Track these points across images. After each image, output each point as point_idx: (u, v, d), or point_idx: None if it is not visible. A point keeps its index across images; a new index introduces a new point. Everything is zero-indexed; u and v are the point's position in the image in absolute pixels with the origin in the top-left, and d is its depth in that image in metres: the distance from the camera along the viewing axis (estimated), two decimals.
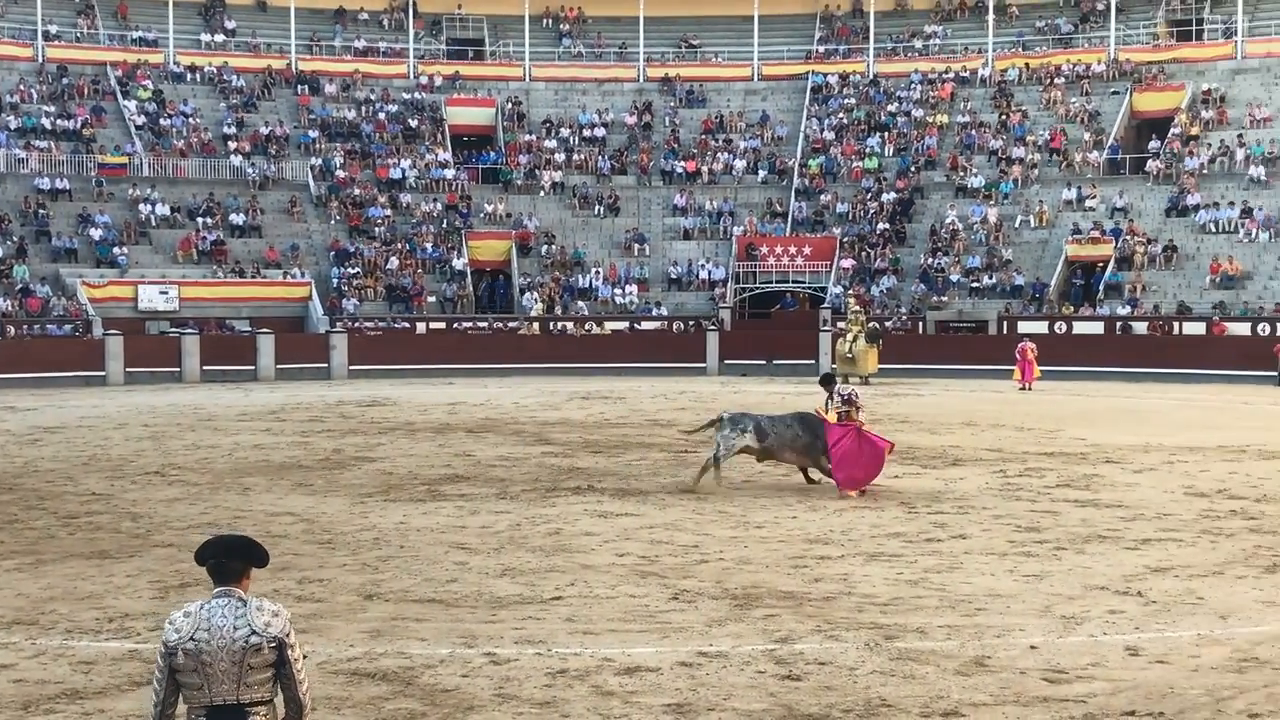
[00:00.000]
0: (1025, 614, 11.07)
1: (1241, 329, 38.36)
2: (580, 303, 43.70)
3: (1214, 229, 42.10)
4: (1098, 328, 40.23)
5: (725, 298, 43.91)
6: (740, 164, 48.49)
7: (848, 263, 44.39)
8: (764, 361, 40.68)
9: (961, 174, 46.35)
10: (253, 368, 38.75)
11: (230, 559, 5.31)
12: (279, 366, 38.83)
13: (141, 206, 43.13)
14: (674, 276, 45.15)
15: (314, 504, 16.58)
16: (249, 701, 5.19)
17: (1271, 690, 8.97)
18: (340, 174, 46.35)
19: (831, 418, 17.15)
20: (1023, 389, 33.92)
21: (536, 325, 42.47)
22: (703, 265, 45.24)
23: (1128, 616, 10.98)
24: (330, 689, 9.02)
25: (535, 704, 8.70)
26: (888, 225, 45.33)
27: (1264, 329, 37.77)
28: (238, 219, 43.91)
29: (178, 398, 32.22)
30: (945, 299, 42.73)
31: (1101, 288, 41.72)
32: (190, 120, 46.81)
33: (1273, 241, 40.83)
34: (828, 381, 18.21)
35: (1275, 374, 36.19)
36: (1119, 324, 40.10)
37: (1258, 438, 23.43)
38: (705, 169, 48.34)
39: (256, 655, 5.16)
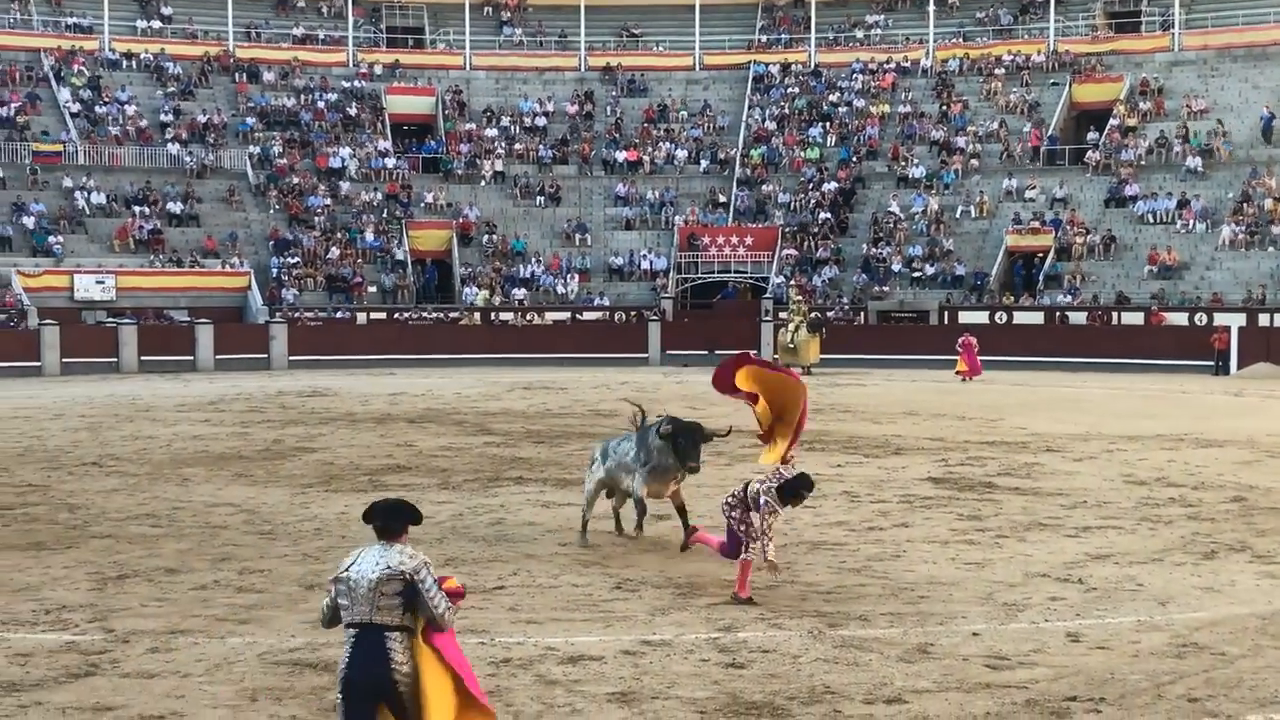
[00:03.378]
0: (967, 601, 11.12)
1: (1179, 319, 38.75)
2: (521, 292, 43.56)
3: (1152, 220, 42.51)
4: (1038, 318, 40.53)
5: (667, 288, 43.90)
6: (682, 153, 48.46)
7: (789, 252, 44.46)
8: (706, 352, 40.66)
9: (903, 164, 46.55)
10: (191, 358, 38.35)
11: (391, 521, 6.67)
12: (218, 357, 38.45)
13: (77, 195, 42.56)
14: (615, 266, 45.07)
15: (254, 494, 16.42)
16: (380, 623, 6.41)
17: (1210, 675, 9.06)
18: (279, 162, 45.91)
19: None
20: (964, 381, 33.92)
21: (478, 315, 42.29)
22: (644, 255, 45.18)
23: (1068, 603, 11.06)
24: (272, 680, 8.92)
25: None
26: (829, 215, 45.45)
27: (1201, 318, 38.17)
28: (175, 208, 43.41)
29: (115, 388, 31.84)
30: (886, 289, 42.90)
31: (1041, 278, 42.04)
32: (126, 108, 46.20)
33: (1209, 232, 41.28)
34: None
35: (1212, 363, 36.62)
36: (1058, 314, 40.43)
37: (1195, 426, 23.69)
38: (647, 158, 48.28)
39: (387, 585, 6.42)
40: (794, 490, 11.08)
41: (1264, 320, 37.40)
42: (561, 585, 11.61)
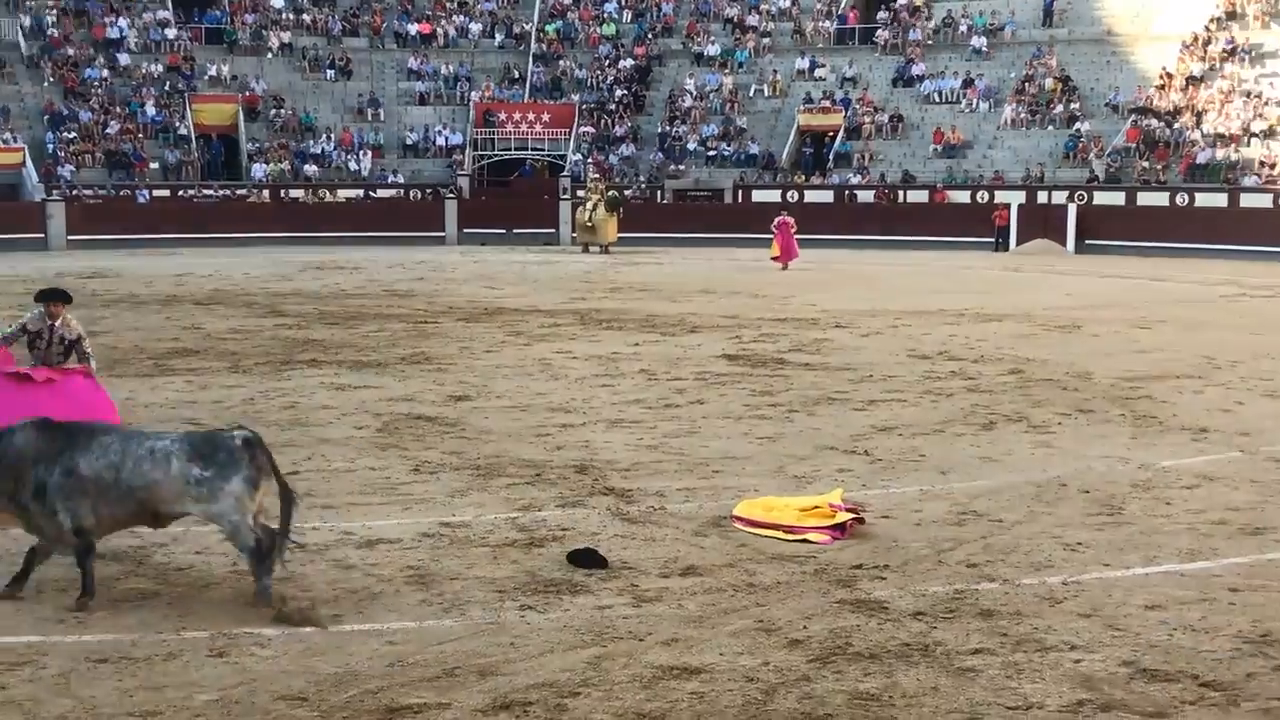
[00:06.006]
0: (760, 475, 11.39)
1: (962, 197, 39.83)
2: (312, 169, 42.57)
3: (937, 99, 43.41)
4: (828, 196, 41.23)
5: (463, 165, 43.39)
6: (476, 27, 47.67)
7: (586, 130, 44.30)
8: (504, 231, 40.47)
9: (698, 42, 46.57)
10: None
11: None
12: None
13: None
14: (410, 143, 44.34)
15: None
16: None
17: (988, 541, 9.46)
18: (53, 33, 43.76)
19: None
20: (782, 268, 31.65)
21: (267, 193, 41.24)
22: (439, 131, 44.53)
23: (855, 474, 11.40)
24: (58, 571, 8.69)
25: (274, 579, 8.55)
26: (626, 92, 45.33)
27: (983, 196, 39.30)
28: None
29: None
30: (682, 167, 43.12)
31: (831, 157, 42.70)
32: None
33: (992, 111, 42.34)
34: None
35: (993, 240, 37.80)
36: (847, 192, 41.17)
37: (976, 301, 24.49)
38: (441, 31, 47.37)
39: None
40: None
41: (1042, 198, 38.67)
42: (358, 469, 11.52)
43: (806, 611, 8.06)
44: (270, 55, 45.78)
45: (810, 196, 40.99)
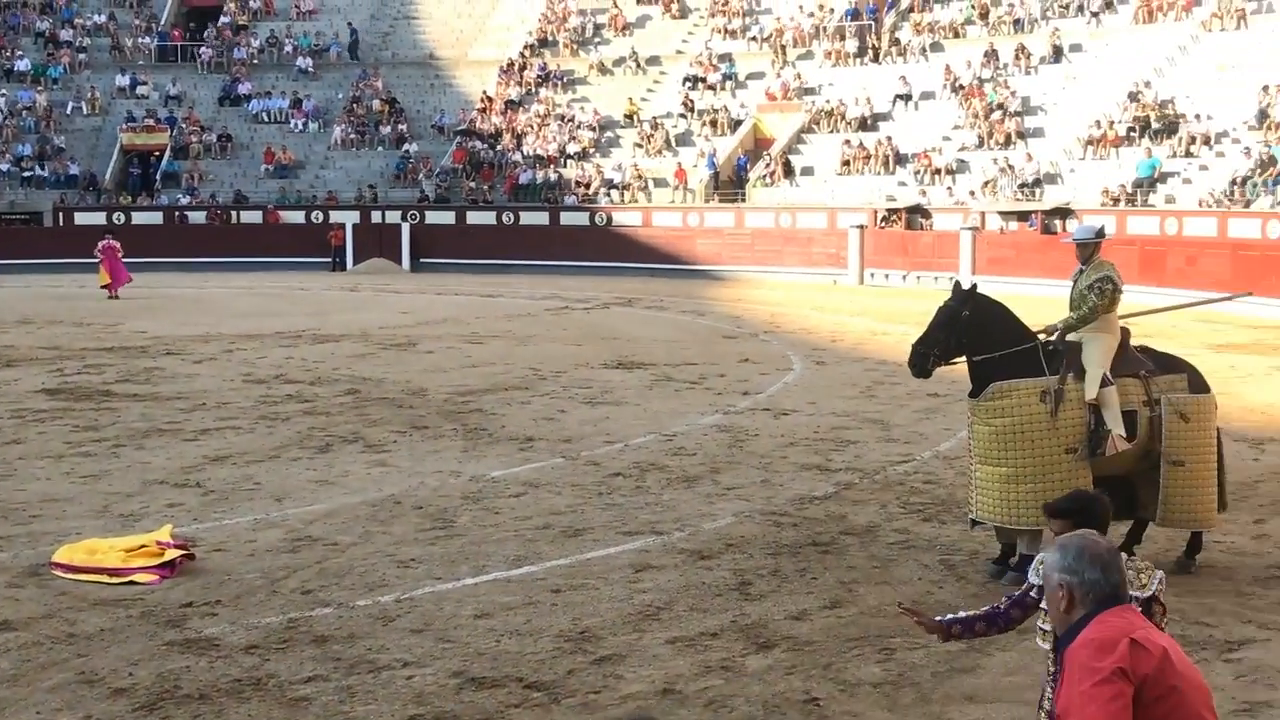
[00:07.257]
0: (83, 516, 10.78)
1: (296, 217, 39.67)
2: None
3: (266, 119, 43.02)
4: (157, 218, 39.79)
5: None
6: None
7: None
8: None
9: (8, 57, 43.61)
10: None
11: None
12: None
13: None
14: None
15: None
16: None
17: (323, 565, 9.41)
18: None
19: None
20: (111, 296, 29.78)
21: None
22: None
23: (187, 508, 11.03)
24: None
25: None
26: None
27: (317, 216, 39.34)
28: None
29: None
30: None
31: (159, 177, 41.29)
32: None
33: (322, 132, 42.49)
34: None
35: (330, 260, 37.95)
36: (178, 214, 39.94)
37: (313, 322, 24.47)
38: None
39: None
40: None
41: (376, 217, 39.25)
42: None
43: (133, 657, 7.68)
44: None
45: (138, 218, 39.37)
